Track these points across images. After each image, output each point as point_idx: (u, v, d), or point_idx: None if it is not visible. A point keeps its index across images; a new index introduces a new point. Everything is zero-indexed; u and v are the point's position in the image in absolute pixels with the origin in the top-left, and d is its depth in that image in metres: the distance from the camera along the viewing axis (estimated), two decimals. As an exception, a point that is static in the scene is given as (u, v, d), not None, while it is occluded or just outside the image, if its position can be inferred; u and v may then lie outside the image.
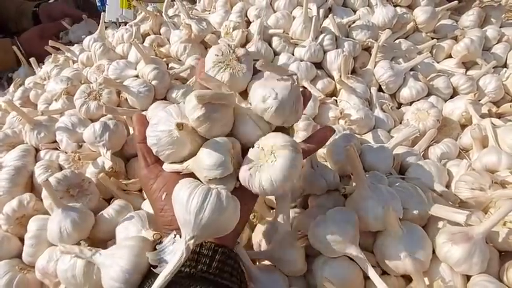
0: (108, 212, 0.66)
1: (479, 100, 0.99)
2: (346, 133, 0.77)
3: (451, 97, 1.01)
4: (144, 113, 0.76)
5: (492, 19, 1.20)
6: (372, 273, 0.52)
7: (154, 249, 0.44)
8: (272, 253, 0.59)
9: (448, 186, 0.75)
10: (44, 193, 0.64)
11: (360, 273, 0.57)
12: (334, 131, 0.56)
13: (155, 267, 0.42)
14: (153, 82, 0.85)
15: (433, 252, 0.58)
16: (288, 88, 0.48)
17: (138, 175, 0.51)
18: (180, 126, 0.43)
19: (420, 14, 1.13)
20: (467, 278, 0.56)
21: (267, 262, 0.62)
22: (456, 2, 1.13)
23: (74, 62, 1.14)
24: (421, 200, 0.63)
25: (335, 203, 0.66)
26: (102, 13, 1.23)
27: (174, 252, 0.41)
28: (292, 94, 0.48)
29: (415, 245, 0.56)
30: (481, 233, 0.54)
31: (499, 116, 0.97)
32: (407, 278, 0.58)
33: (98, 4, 2.10)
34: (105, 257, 0.47)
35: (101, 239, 0.65)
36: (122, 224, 0.64)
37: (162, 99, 0.88)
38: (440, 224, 0.62)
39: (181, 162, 0.47)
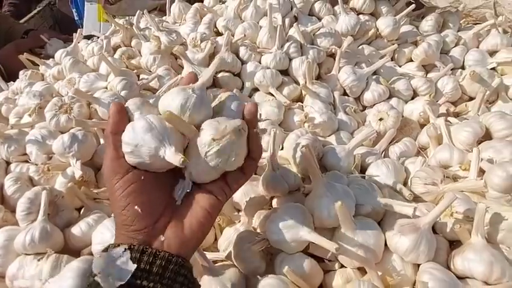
0: (88, 221, 0.68)
1: (438, 100, 1.05)
2: (308, 135, 0.80)
3: (412, 99, 1.06)
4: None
5: (450, 24, 1.27)
6: (319, 239, 0.56)
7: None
8: (231, 252, 0.62)
9: (405, 182, 0.80)
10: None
11: (317, 267, 0.61)
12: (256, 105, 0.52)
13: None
14: (122, 93, 0.88)
15: (386, 244, 0.62)
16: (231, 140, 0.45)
17: (103, 167, 0.47)
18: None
19: (384, 28, 1.19)
20: (418, 267, 0.60)
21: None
22: (413, 6, 1.19)
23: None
24: (376, 196, 0.67)
25: (297, 202, 0.69)
26: (79, 29, 1.25)
27: (121, 267, 0.40)
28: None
29: (367, 238, 0.59)
30: (427, 224, 0.58)
31: (457, 115, 1.02)
32: (364, 270, 0.62)
33: (76, 18, 2.11)
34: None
35: (77, 249, 0.67)
36: (97, 230, 0.66)
37: (132, 110, 0.91)
38: (395, 218, 0.66)
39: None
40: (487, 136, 0.84)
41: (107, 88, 0.91)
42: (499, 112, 0.86)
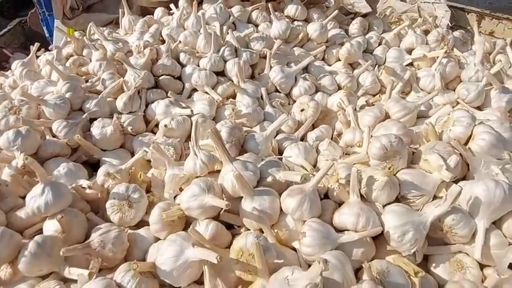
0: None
1: (357, 93, 1.18)
2: (228, 124, 0.91)
3: (338, 93, 1.19)
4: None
5: (374, 27, 1.42)
6: (213, 200, 0.68)
7: None
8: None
9: (317, 161, 0.91)
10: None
11: (224, 230, 0.71)
12: None
13: None
14: (67, 95, 0.98)
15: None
16: None
17: None
18: None
19: (312, 32, 1.32)
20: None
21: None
22: (336, 12, 1.34)
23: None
24: (279, 170, 0.78)
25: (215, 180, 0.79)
26: (36, 43, 1.35)
27: None
28: None
29: (263, 203, 0.70)
30: (310, 187, 0.69)
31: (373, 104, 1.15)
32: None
33: (47, 35, 2.21)
34: None
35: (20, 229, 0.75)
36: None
37: (79, 109, 1.02)
38: (296, 188, 0.77)
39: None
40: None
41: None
42: (396, 98, 0.99)
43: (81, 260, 0.69)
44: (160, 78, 1.13)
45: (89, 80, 1.12)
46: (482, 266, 0.67)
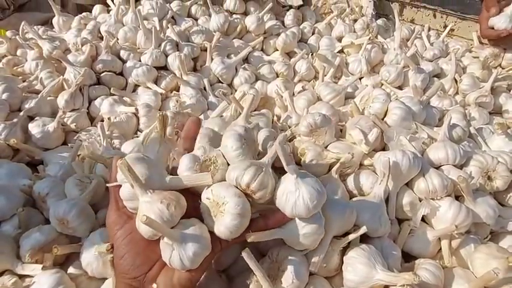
0: None
1: (294, 80, 1.27)
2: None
3: (277, 81, 1.27)
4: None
5: (308, 18, 1.52)
6: None
7: None
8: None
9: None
10: None
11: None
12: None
13: None
14: (4, 96, 0.96)
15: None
16: None
17: (107, 217, 0.52)
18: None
19: (250, 24, 1.39)
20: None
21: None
22: (271, 5, 1.42)
23: None
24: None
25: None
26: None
27: None
28: None
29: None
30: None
31: (310, 90, 1.25)
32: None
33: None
34: None
35: None
36: None
37: (17, 111, 1.00)
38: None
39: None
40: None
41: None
42: (325, 82, 1.09)
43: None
44: (102, 75, 1.14)
45: (26, 80, 1.11)
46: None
